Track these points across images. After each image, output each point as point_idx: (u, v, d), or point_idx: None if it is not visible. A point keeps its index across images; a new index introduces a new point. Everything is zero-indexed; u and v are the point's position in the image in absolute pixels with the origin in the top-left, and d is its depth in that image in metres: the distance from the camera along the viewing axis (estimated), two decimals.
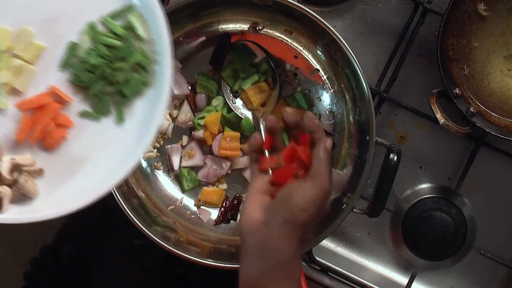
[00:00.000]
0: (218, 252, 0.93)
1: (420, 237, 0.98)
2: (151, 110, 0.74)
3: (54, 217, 0.71)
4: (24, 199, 0.73)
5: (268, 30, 0.95)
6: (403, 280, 1.01)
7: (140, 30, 0.74)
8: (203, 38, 0.95)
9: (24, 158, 0.73)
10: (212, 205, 0.96)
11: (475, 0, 0.89)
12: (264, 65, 0.95)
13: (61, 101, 0.75)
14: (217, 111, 0.95)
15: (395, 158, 0.85)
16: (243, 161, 0.96)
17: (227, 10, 0.93)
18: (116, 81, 0.74)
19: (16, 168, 0.72)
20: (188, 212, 0.97)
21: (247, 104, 0.96)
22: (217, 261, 0.89)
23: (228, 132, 0.95)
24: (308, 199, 0.64)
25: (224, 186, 0.97)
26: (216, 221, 0.97)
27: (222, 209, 0.97)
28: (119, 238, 1.01)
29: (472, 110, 0.91)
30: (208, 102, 0.96)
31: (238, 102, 0.96)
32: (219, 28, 0.95)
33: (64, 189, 0.74)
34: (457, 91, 0.91)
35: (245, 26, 0.95)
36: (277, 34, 0.95)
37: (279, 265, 0.64)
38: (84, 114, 0.75)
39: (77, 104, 0.75)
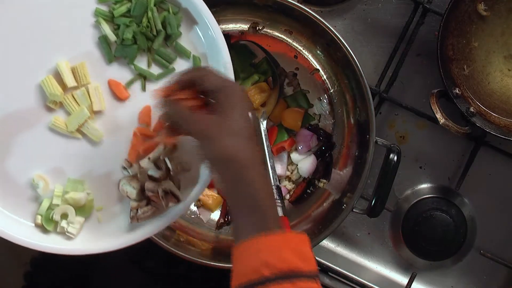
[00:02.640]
0: (218, 252, 0.93)
1: (420, 237, 0.98)
2: (205, 32, 0.76)
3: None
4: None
5: (268, 30, 0.95)
6: (403, 280, 1.01)
7: None
8: None
9: (155, 150, 0.74)
10: (207, 207, 0.96)
11: (475, 0, 0.89)
12: (264, 65, 0.95)
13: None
14: None
15: (395, 158, 0.86)
16: None
17: (227, 10, 0.93)
18: (158, 31, 0.75)
19: (157, 161, 0.73)
20: (188, 212, 0.97)
21: None
22: (217, 261, 0.89)
23: None
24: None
25: None
26: (218, 226, 0.97)
27: (223, 213, 0.97)
28: None
29: (472, 110, 0.91)
30: None
31: None
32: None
33: None
34: (457, 91, 0.91)
35: (245, 26, 0.95)
36: (277, 34, 0.95)
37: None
38: (160, 76, 0.76)
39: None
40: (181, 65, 0.77)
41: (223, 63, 0.76)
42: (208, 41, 0.77)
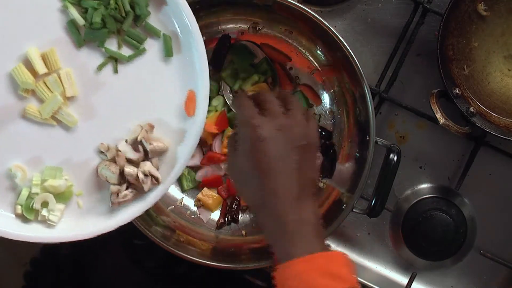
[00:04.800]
0: (218, 252, 0.93)
1: (420, 237, 0.98)
2: (175, 10, 0.75)
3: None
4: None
5: (268, 30, 0.95)
6: (403, 280, 1.01)
7: None
8: (203, 38, 0.95)
9: (132, 131, 0.75)
10: (207, 207, 0.96)
11: (475, 0, 0.89)
12: (264, 65, 0.95)
13: None
14: (217, 111, 0.95)
15: (395, 158, 0.86)
16: None
17: (227, 10, 0.93)
18: (126, 12, 0.74)
19: (134, 143, 0.74)
20: (188, 212, 0.97)
21: None
22: (217, 261, 0.89)
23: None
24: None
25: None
26: (218, 226, 0.97)
27: (223, 213, 0.97)
28: (119, 238, 1.01)
29: (472, 110, 0.91)
30: (208, 102, 0.96)
31: None
32: (219, 28, 0.95)
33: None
34: (457, 91, 0.91)
35: (245, 26, 0.95)
36: (277, 34, 0.95)
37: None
38: (131, 57, 0.75)
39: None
40: (151, 45, 0.76)
41: (194, 43, 0.75)
42: (177, 19, 0.76)
